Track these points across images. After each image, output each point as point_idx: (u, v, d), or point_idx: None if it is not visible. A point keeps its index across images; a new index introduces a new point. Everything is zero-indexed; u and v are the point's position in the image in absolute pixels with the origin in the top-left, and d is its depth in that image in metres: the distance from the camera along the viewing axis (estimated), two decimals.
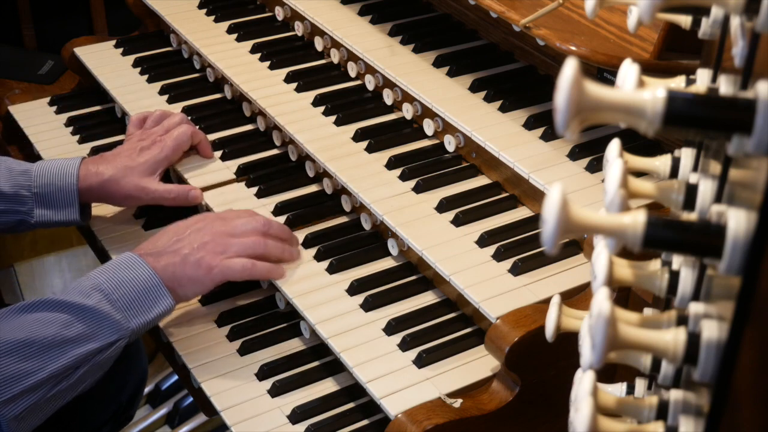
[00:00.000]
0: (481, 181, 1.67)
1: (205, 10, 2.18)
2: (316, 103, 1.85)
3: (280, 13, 2.12)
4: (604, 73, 1.57)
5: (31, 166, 1.69)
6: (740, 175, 0.65)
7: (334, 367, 1.49)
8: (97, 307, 1.39)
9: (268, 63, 1.98)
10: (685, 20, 0.89)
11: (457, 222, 1.56)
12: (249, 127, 1.93)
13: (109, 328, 1.39)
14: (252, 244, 1.53)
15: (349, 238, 1.64)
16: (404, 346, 1.43)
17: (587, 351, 0.71)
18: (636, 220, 0.66)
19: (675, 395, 0.76)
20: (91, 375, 1.41)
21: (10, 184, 1.66)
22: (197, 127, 1.85)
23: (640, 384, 0.91)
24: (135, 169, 1.71)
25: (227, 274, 1.51)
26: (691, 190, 0.76)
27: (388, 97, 1.84)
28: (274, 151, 1.86)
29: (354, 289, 1.53)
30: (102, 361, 1.40)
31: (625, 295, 1.35)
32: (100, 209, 1.82)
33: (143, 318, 1.43)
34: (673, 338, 0.68)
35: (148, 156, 1.73)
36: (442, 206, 1.59)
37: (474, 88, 1.76)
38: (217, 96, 2.02)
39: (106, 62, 2.13)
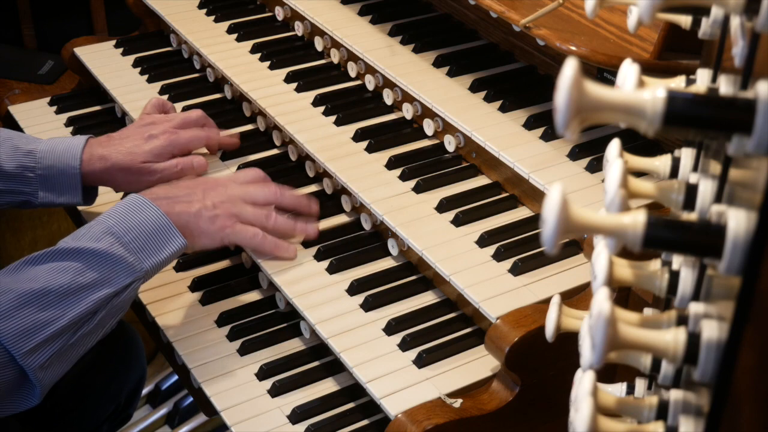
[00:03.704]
0: (481, 181, 1.67)
1: (205, 10, 2.18)
2: (316, 103, 1.85)
3: (280, 13, 2.12)
4: (604, 73, 1.57)
5: (36, 146, 1.68)
6: (740, 175, 0.65)
7: (334, 367, 1.49)
8: (110, 251, 1.39)
9: (268, 63, 1.98)
10: (685, 20, 0.89)
11: (457, 222, 1.56)
12: (249, 127, 1.93)
13: (123, 271, 1.40)
14: (264, 216, 1.56)
15: (349, 238, 1.64)
16: (404, 346, 1.43)
17: (587, 351, 0.71)
18: (636, 220, 0.66)
19: (675, 395, 0.76)
20: (111, 318, 1.42)
21: (15, 165, 1.66)
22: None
23: (640, 384, 0.91)
24: (140, 156, 1.71)
25: (238, 238, 1.54)
26: (691, 190, 0.76)
27: (388, 97, 1.84)
28: (274, 151, 1.86)
29: (354, 289, 1.53)
30: (119, 304, 1.41)
31: (625, 295, 1.35)
32: (100, 209, 1.82)
33: (156, 258, 1.44)
34: (673, 338, 0.68)
35: (154, 146, 1.72)
36: (442, 206, 1.59)
37: (474, 88, 1.76)
38: (217, 96, 2.02)
39: (106, 62, 2.13)
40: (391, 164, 1.68)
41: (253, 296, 1.64)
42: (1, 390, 1.32)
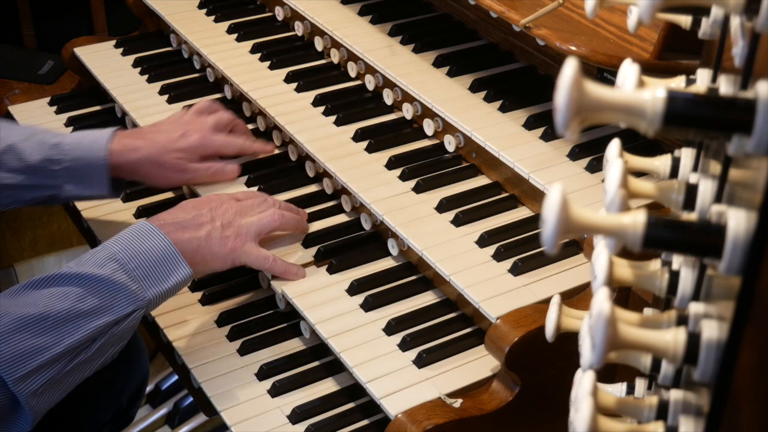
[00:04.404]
0: (481, 181, 1.67)
1: (205, 10, 2.18)
2: (316, 103, 1.85)
3: (280, 13, 2.12)
4: (604, 73, 1.57)
5: (63, 139, 1.66)
6: (740, 175, 0.65)
7: (334, 367, 1.49)
8: (113, 278, 1.36)
9: (268, 63, 1.98)
10: (685, 20, 0.89)
11: (457, 222, 1.56)
12: (249, 127, 1.93)
13: (125, 299, 1.36)
14: (269, 219, 1.55)
15: (349, 238, 1.64)
16: (404, 346, 1.43)
17: (587, 351, 0.71)
18: (636, 220, 0.66)
19: (675, 395, 0.76)
20: (111, 347, 1.38)
21: (41, 158, 1.64)
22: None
23: (640, 384, 0.91)
24: (172, 153, 1.70)
25: (249, 259, 1.52)
26: (691, 190, 0.76)
27: (388, 97, 1.84)
28: (274, 151, 1.86)
29: (354, 289, 1.53)
30: (119, 332, 1.37)
31: (625, 295, 1.35)
32: (99, 211, 1.82)
33: (160, 288, 1.40)
34: (673, 338, 0.68)
35: (188, 143, 1.71)
36: (442, 206, 1.59)
37: (474, 88, 1.76)
38: (217, 96, 2.02)
39: (106, 62, 2.13)
40: (391, 164, 1.68)
41: (253, 296, 1.63)
42: None
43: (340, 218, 1.70)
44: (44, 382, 1.30)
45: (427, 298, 1.54)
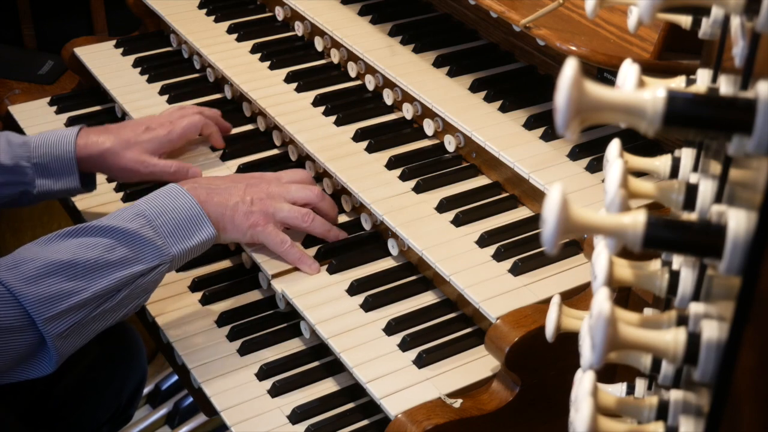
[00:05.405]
0: (481, 181, 1.67)
1: (205, 10, 2.18)
2: (316, 103, 1.85)
3: (280, 13, 2.12)
4: (604, 73, 1.57)
5: (30, 138, 1.70)
6: (740, 175, 0.65)
7: (334, 367, 1.49)
8: (140, 232, 1.42)
9: (268, 63, 1.98)
10: (685, 20, 0.89)
11: (457, 222, 1.56)
12: (249, 127, 1.93)
13: (151, 253, 1.43)
14: (298, 215, 1.58)
15: (349, 238, 1.64)
16: (404, 346, 1.43)
17: (587, 351, 0.71)
18: (636, 220, 0.66)
19: (675, 395, 0.76)
20: (134, 299, 1.44)
21: (10, 156, 1.67)
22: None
23: (640, 384, 0.91)
24: (137, 145, 1.73)
25: (266, 239, 1.56)
26: (691, 190, 0.76)
27: (388, 97, 1.84)
28: (274, 151, 1.86)
29: (354, 289, 1.53)
30: (144, 284, 1.43)
31: (625, 295, 1.35)
32: (99, 210, 1.82)
33: (184, 245, 1.46)
34: (673, 338, 0.68)
35: (153, 135, 1.74)
36: (442, 206, 1.59)
37: (474, 88, 1.76)
38: (217, 96, 2.02)
39: (106, 62, 2.13)
40: (391, 164, 1.68)
41: (253, 296, 1.64)
42: (18, 354, 1.35)
43: (341, 218, 1.69)
44: (71, 325, 1.36)
45: (427, 298, 1.54)
